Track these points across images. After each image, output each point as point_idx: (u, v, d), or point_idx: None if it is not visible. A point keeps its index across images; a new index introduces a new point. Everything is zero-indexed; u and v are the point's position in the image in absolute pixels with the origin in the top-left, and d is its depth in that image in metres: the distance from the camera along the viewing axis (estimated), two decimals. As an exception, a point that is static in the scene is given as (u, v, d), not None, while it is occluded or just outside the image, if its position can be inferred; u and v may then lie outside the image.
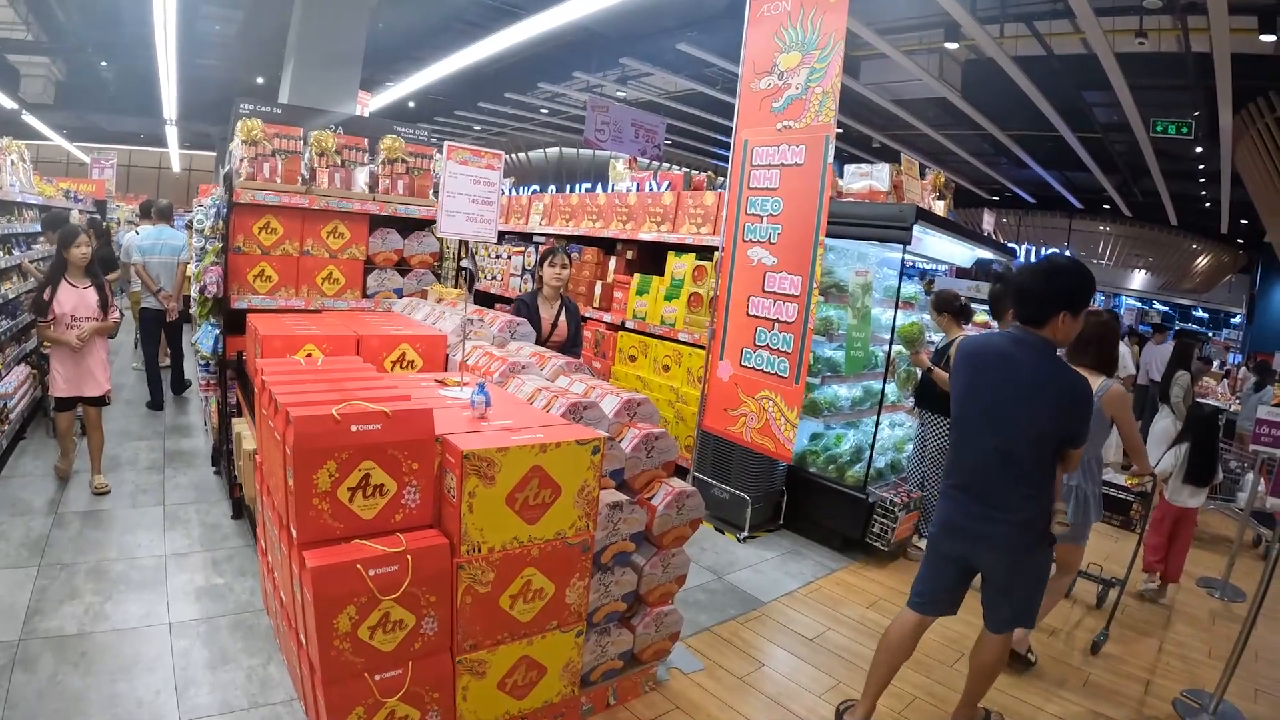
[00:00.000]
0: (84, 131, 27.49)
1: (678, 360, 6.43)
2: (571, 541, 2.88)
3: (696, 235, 6.35)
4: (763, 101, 4.58)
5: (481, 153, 3.46)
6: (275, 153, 5.15)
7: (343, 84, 10.65)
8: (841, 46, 4.19)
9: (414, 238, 5.66)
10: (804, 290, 4.29)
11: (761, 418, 4.51)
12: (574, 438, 2.78)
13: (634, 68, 16.35)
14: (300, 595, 2.57)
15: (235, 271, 5.07)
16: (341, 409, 2.48)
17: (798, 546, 5.93)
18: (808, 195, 4.29)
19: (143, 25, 11.10)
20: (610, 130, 8.33)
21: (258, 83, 18.28)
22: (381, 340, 3.94)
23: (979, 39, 11.64)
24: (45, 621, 3.99)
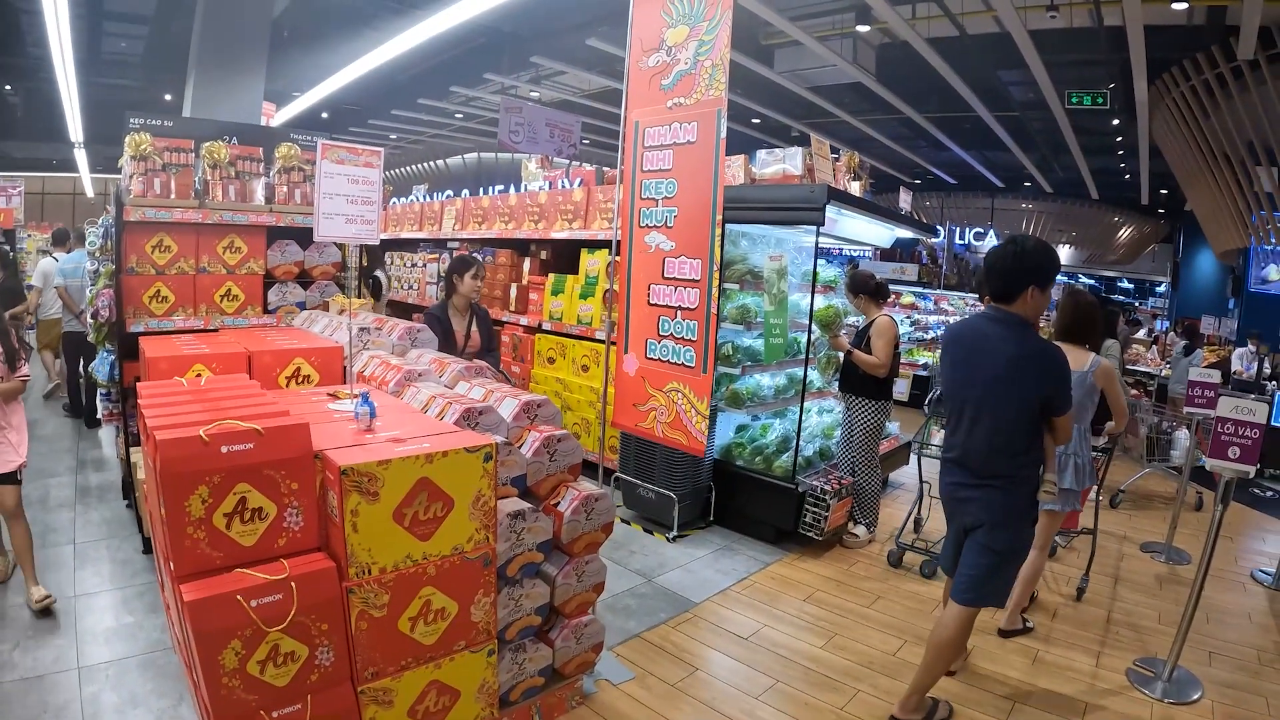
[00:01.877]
0: (-6, 160, 26.61)
1: (597, 360, 6.35)
2: (471, 556, 2.76)
3: (609, 230, 6.26)
4: (651, 80, 4.51)
5: (359, 150, 3.32)
6: (166, 167, 4.96)
7: (246, 94, 10.44)
8: (729, 16, 4.13)
9: (315, 248, 5.49)
10: (704, 274, 4.22)
11: (671, 411, 4.43)
12: (463, 445, 2.66)
13: (546, 67, 16.27)
14: (185, 631, 2.42)
15: (130, 294, 4.86)
16: (210, 429, 2.34)
17: (729, 542, 5.85)
18: (703, 174, 4.22)
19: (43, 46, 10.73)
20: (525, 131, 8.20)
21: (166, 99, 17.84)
22: (274, 355, 3.81)
23: (891, 21, 11.72)
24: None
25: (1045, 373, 3.29)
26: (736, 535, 5.97)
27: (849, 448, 6.02)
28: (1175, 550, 6.22)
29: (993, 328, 3.40)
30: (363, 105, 20.30)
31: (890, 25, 12.07)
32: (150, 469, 2.54)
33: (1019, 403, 3.29)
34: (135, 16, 14.49)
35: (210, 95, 10.21)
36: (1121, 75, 13.33)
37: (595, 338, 6.37)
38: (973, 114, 16.60)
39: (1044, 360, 3.29)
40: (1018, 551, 3.56)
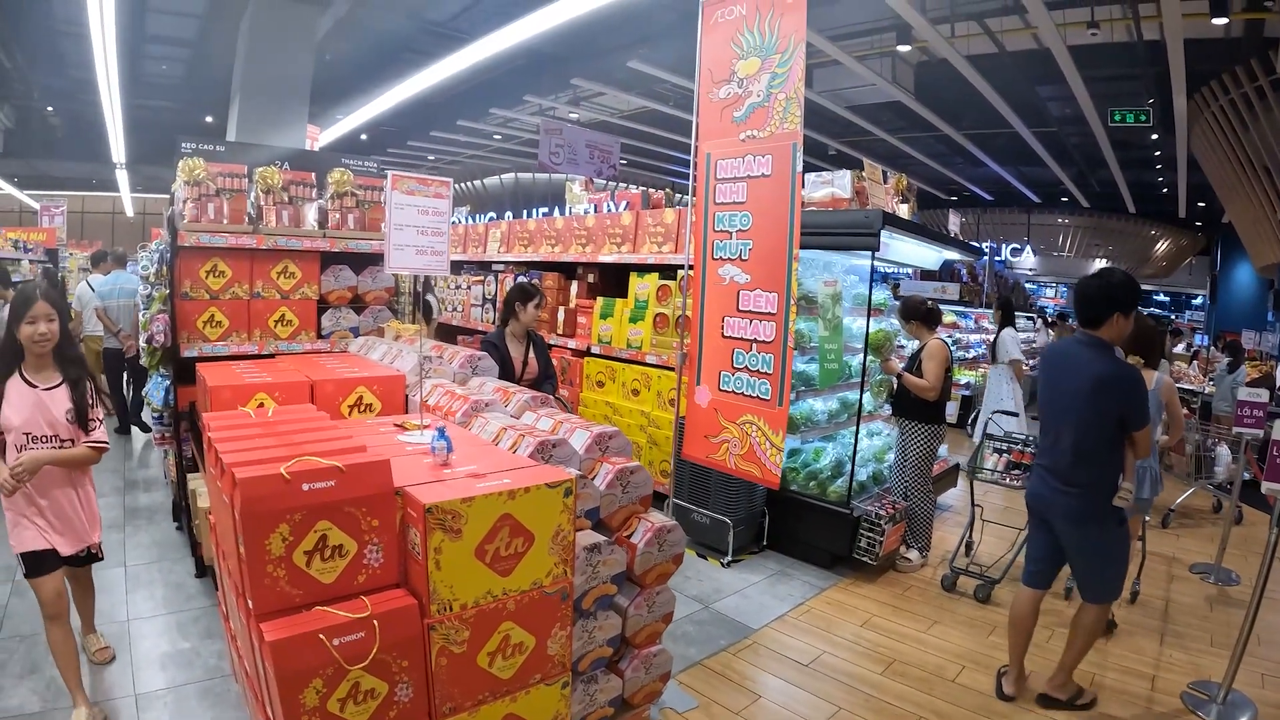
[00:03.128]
0: (35, 179, 27.16)
1: (647, 384, 6.30)
2: (549, 590, 2.70)
3: (658, 254, 6.24)
4: (723, 111, 4.45)
5: (429, 181, 3.29)
6: (219, 192, 4.97)
7: (291, 119, 10.53)
8: (803, 49, 4.08)
9: (368, 273, 5.49)
10: (781, 307, 4.15)
11: (745, 443, 4.36)
12: (543, 480, 2.60)
13: (585, 88, 16.31)
14: (263, 669, 2.38)
15: (184, 318, 4.87)
16: (290, 466, 2.29)
17: (784, 567, 5.79)
18: (778, 207, 4.16)
19: (87, 69, 10.90)
20: (565, 152, 8.22)
21: (208, 121, 18.05)
22: (336, 384, 3.77)
23: (931, 40, 11.67)
24: (6, 700, 3.81)
25: (1125, 392, 3.69)
26: (790, 560, 5.91)
27: (902, 472, 5.96)
28: (1224, 571, 6.14)
29: (1081, 350, 3.83)
30: (402, 127, 20.46)
31: (930, 44, 12.02)
32: (225, 505, 2.49)
33: (1101, 417, 3.73)
34: (177, 40, 14.68)
35: (255, 119, 10.32)
36: (1160, 89, 13.22)
37: (645, 361, 6.33)
38: (1010, 130, 16.51)
39: (1124, 381, 3.70)
40: (1113, 547, 3.93)
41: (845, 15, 11.66)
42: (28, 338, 3.45)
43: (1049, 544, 4.08)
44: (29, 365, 3.53)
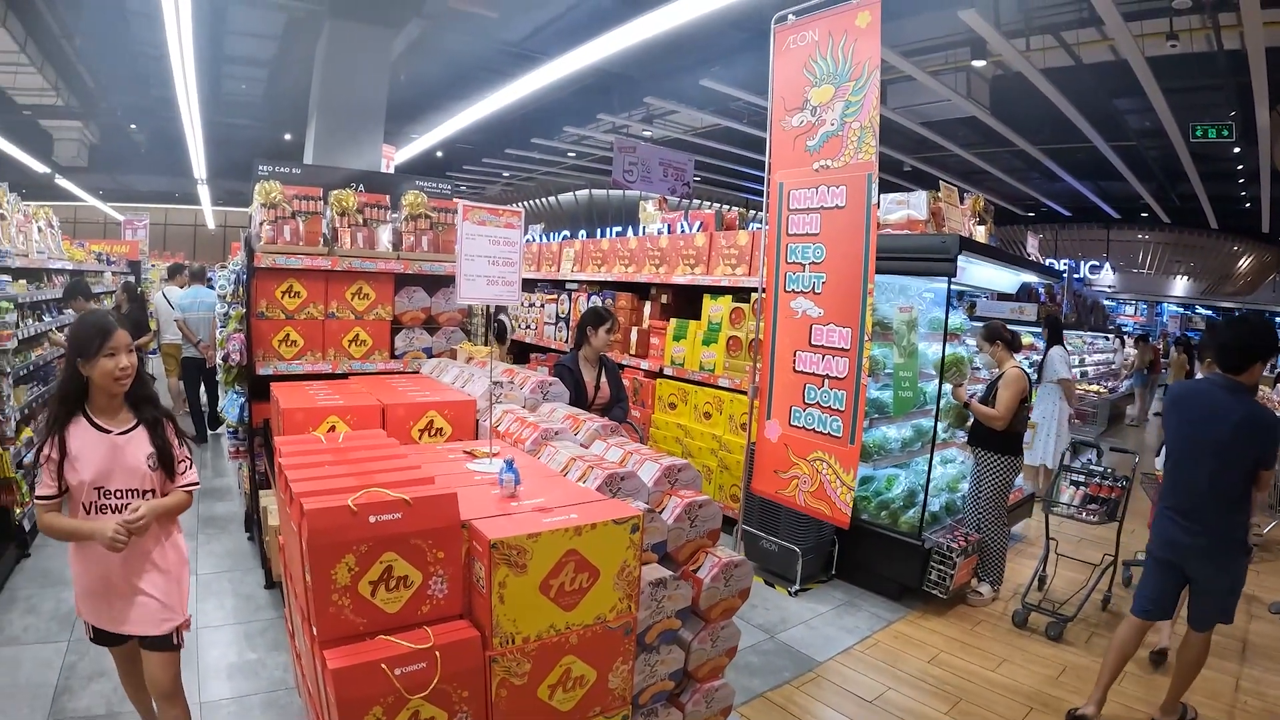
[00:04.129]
0: (118, 192, 28.16)
1: (719, 407, 6.24)
2: (613, 625, 2.67)
3: (732, 276, 6.19)
4: (796, 140, 4.37)
5: (499, 211, 3.29)
6: (295, 214, 5.07)
7: (367, 138, 10.74)
8: (877, 76, 3.99)
9: (441, 294, 5.54)
10: (855, 343, 4.04)
11: (815, 480, 4.25)
12: (611, 517, 2.57)
13: (658, 106, 16.33)
14: (324, 693, 2.38)
15: (259, 337, 4.97)
16: (358, 498, 2.30)
17: (852, 598, 5.67)
18: (853, 240, 4.06)
19: (168, 88, 11.27)
20: (639, 170, 8.22)
21: (285, 139, 18.51)
22: (408, 408, 3.78)
23: (1006, 54, 11.47)
24: (74, 701, 3.92)
25: (1264, 433, 3.80)
26: (859, 590, 5.79)
27: (977, 503, 5.80)
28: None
29: (1223, 395, 3.91)
30: (477, 144, 20.73)
31: (1005, 58, 11.80)
32: (293, 531, 2.50)
33: (1240, 460, 3.81)
34: (256, 60, 15.12)
35: (331, 140, 10.56)
36: (1242, 101, 12.82)
37: (717, 384, 6.27)
38: (1088, 144, 16.14)
39: (1264, 423, 3.82)
40: (1238, 580, 4.00)
41: (919, 31, 11.53)
42: (105, 374, 2.88)
43: (1174, 584, 4.15)
44: (97, 406, 2.97)
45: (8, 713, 3.83)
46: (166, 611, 3.09)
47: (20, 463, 5.83)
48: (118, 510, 2.93)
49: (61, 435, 2.89)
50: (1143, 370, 16.02)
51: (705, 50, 12.07)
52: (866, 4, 4.05)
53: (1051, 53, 11.92)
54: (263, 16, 12.69)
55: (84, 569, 3.02)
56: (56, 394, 3.00)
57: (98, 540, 2.81)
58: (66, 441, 2.89)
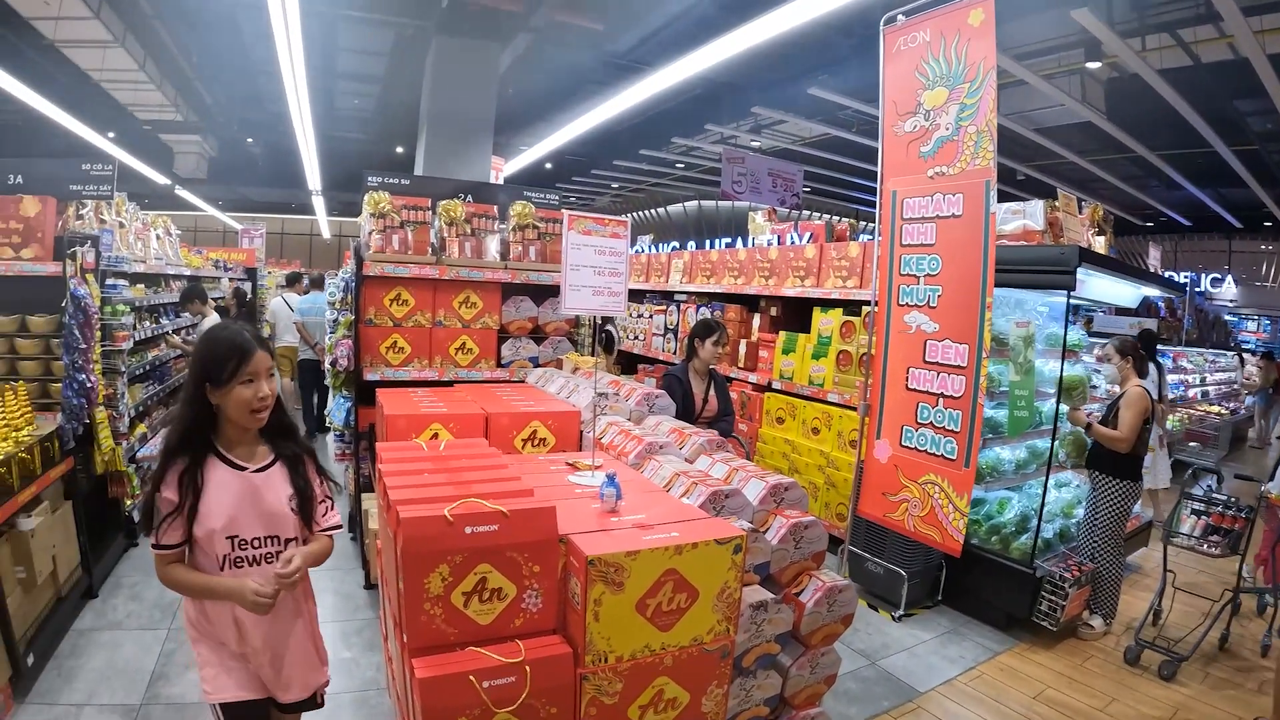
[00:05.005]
0: (236, 202, 29.43)
1: (828, 423, 6.10)
2: (710, 648, 2.58)
3: (843, 289, 6.05)
4: (909, 146, 4.19)
5: (605, 220, 3.25)
6: (404, 224, 5.14)
7: (476, 150, 10.94)
8: (993, 77, 3.80)
9: (548, 304, 5.55)
10: (972, 360, 3.83)
11: (926, 505, 4.04)
12: (713, 536, 2.49)
13: (766, 116, 16.16)
14: (411, 700, 2.37)
15: (367, 344, 5.06)
16: (455, 509, 2.28)
17: (957, 625, 5.45)
18: (970, 251, 3.86)
19: (283, 103, 11.70)
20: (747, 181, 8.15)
21: (397, 152, 18.99)
22: (511, 418, 3.77)
23: (1121, 55, 10.96)
24: (169, 688, 4.04)
25: None
26: (965, 618, 5.56)
27: (1092, 531, 5.51)
28: None
29: None
30: (585, 156, 20.93)
31: (1120, 59, 11.29)
32: (389, 538, 2.51)
33: None
34: (367, 77, 15.57)
35: (442, 152, 10.79)
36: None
37: (826, 399, 6.15)
38: (1208, 149, 15.34)
39: None
40: None
41: (1030, 33, 11.15)
42: (242, 404, 2.41)
43: None
44: (227, 439, 2.50)
45: (103, 693, 3.98)
46: (315, 671, 2.77)
47: (133, 457, 6.09)
48: (255, 562, 2.48)
49: (193, 476, 2.39)
50: (1266, 390, 15.16)
51: (813, 58, 11.91)
52: (978, 1, 3.87)
53: (1168, 52, 11.35)
54: (372, 34, 13.07)
55: (212, 635, 2.57)
56: (178, 426, 2.46)
57: (237, 601, 2.40)
58: (199, 483, 2.39)
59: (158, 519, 2.38)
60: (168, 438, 2.47)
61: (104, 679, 4.11)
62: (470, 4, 10.39)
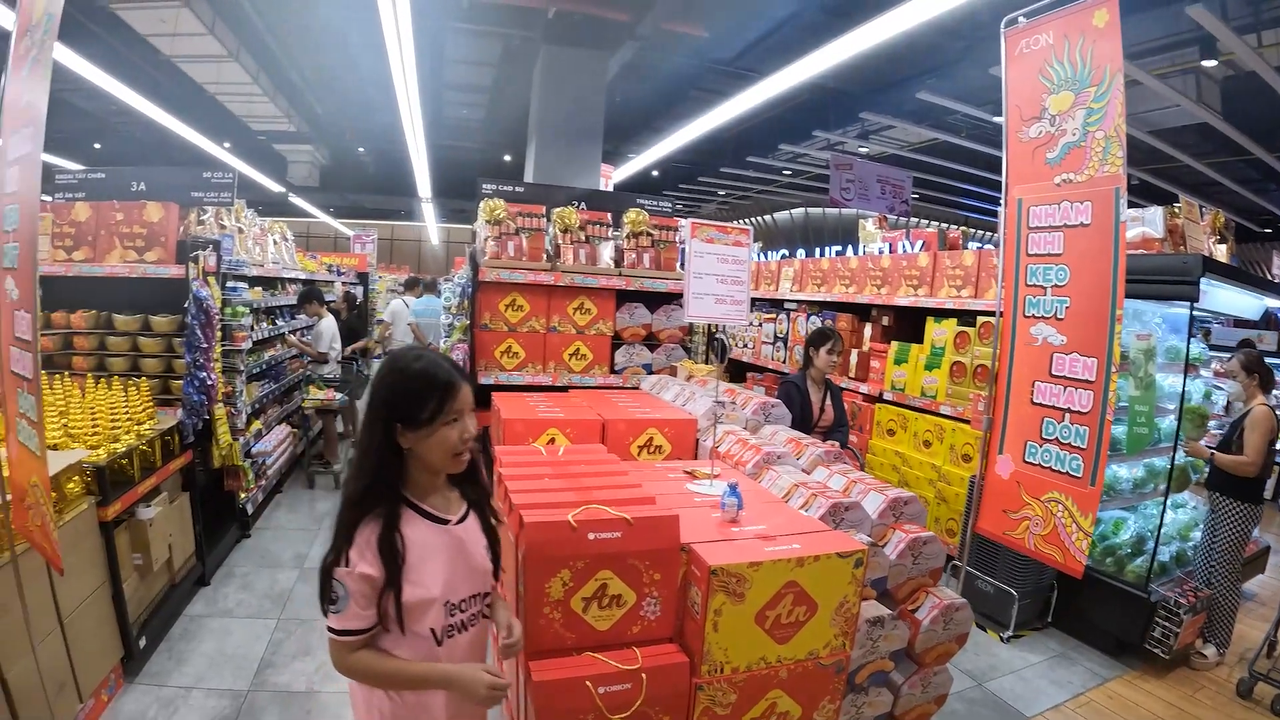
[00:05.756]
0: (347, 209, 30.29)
1: (940, 436, 5.97)
2: (825, 662, 2.56)
3: (957, 299, 5.93)
4: (1035, 152, 4.05)
5: (728, 229, 3.26)
6: (519, 231, 5.23)
7: (585, 158, 11.01)
8: (1120, 80, 3.65)
9: (662, 312, 5.57)
10: (1100, 374, 3.68)
11: (1049, 523, 3.89)
12: (834, 550, 2.47)
13: (874, 121, 15.91)
14: (525, 702, 2.41)
15: (482, 348, 5.14)
16: (578, 514, 2.32)
17: (1066, 649, 5.29)
18: (1099, 261, 3.71)
19: (392, 114, 12.05)
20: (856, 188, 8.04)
21: (505, 160, 19.31)
22: (628, 424, 3.79)
23: (1237, 52, 10.42)
24: (276, 675, 4.20)
25: None
26: (1074, 641, 5.40)
27: (1209, 555, 5.28)
28: None
29: None
30: (692, 163, 20.93)
31: (1236, 56, 10.74)
32: (509, 541, 2.55)
33: None
34: (475, 87, 15.89)
35: (552, 160, 10.91)
36: None
37: (939, 412, 6.03)
38: (1331, 150, 14.51)
39: None
40: None
41: (1142, 31, 10.67)
42: (449, 446, 2.06)
43: None
44: (420, 488, 2.13)
45: (211, 677, 4.16)
46: None
47: (248, 452, 6.36)
48: (465, 628, 2.17)
49: (392, 540, 1.98)
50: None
51: (921, 61, 11.67)
52: (1103, 1, 3.72)
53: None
54: (480, 45, 13.30)
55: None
56: (362, 479, 2.02)
57: (462, 693, 2.06)
58: (401, 546, 2.00)
59: (343, 599, 1.96)
60: (348, 495, 2.02)
61: (213, 664, 4.29)
62: (576, 14, 10.48)
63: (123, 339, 5.36)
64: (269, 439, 7.13)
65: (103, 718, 3.77)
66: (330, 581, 1.98)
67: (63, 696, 3.43)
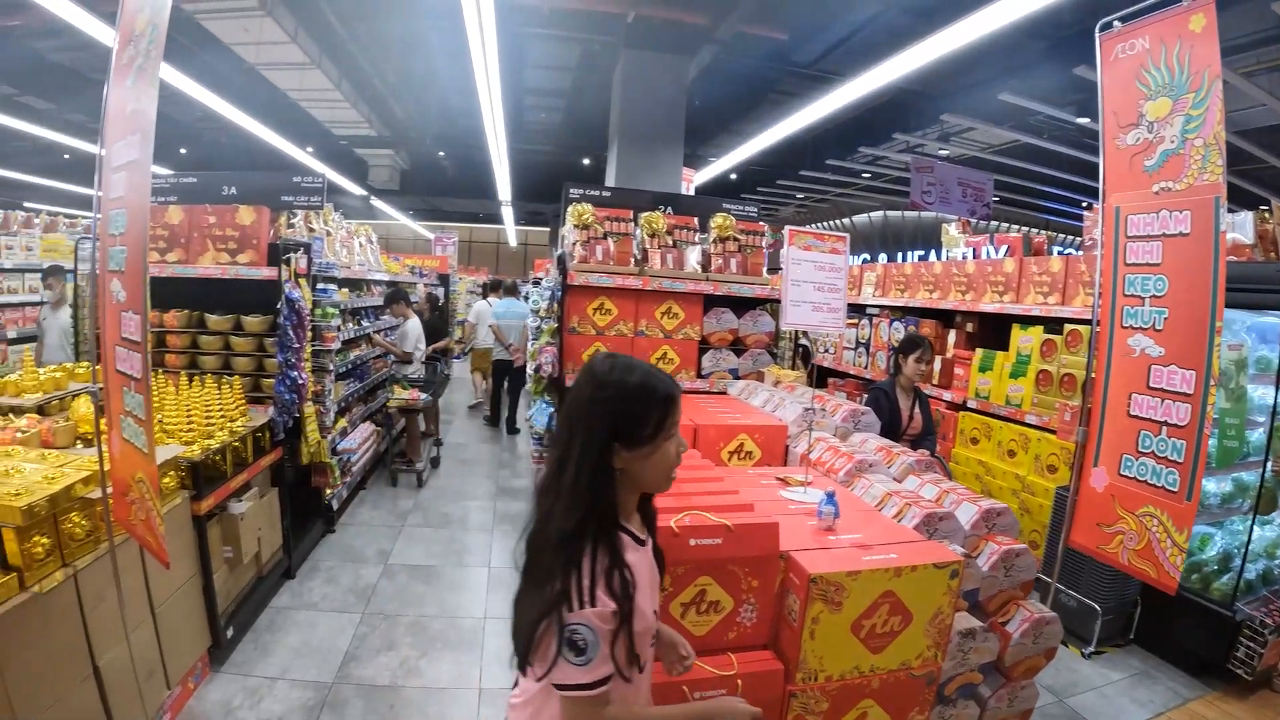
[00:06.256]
0: (427, 212, 30.81)
1: (1024, 445, 5.86)
2: (917, 673, 2.58)
3: (1044, 306, 5.81)
4: (1132, 160, 3.97)
5: (825, 236, 3.27)
6: (607, 235, 5.30)
7: (667, 162, 11.05)
8: (1219, 86, 3.55)
9: (749, 317, 5.57)
10: (1198, 387, 3.61)
11: (1143, 538, 3.81)
12: (931, 560, 2.48)
13: (954, 123, 15.64)
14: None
15: (570, 351, 5.21)
16: (680, 520, 2.36)
17: (1148, 667, 5.15)
18: (1198, 271, 3.63)
19: (472, 118, 12.23)
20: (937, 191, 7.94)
21: (584, 164, 19.44)
22: (719, 430, 3.81)
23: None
24: (360, 669, 4.25)
25: None
26: (1156, 660, 5.25)
27: (1297, 573, 5.11)
28: None
29: None
30: (770, 166, 20.80)
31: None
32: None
33: None
34: (553, 91, 16.07)
35: (633, 164, 11.00)
36: None
37: (1024, 421, 5.90)
38: None
39: None
40: None
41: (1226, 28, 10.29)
42: (670, 463, 1.88)
43: None
44: (626, 510, 1.91)
45: (296, 669, 4.24)
46: None
47: (334, 449, 6.49)
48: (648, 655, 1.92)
49: (623, 570, 1.75)
50: None
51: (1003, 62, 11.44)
52: (1199, 5, 3.62)
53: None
54: (559, 50, 13.43)
55: None
56: (580, 505, 1.75)
57: None
58: (630, 577, 1.75)
59: (592, 644, 1.67)
60: (562, 529, 1.75)
61: (298, 656, 4.38)
62: (656, 19, 10.53)
63: (214, 338, 5.50)
64: (353, 437, 7.31)
65: (189, 705, 3.88)
66: (567, 628, 1.66)
67: (151, 683, 3.53)
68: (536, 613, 1.69)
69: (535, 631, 1.69)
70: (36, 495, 2.82)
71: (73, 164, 19.35)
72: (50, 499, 2.87)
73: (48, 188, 21.10)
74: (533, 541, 1.83)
